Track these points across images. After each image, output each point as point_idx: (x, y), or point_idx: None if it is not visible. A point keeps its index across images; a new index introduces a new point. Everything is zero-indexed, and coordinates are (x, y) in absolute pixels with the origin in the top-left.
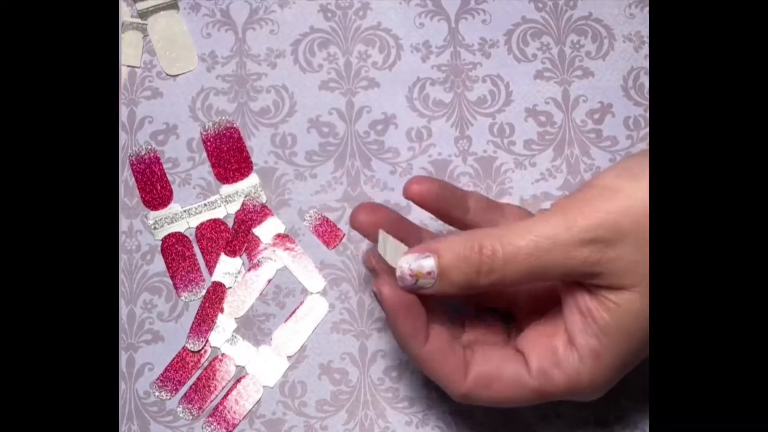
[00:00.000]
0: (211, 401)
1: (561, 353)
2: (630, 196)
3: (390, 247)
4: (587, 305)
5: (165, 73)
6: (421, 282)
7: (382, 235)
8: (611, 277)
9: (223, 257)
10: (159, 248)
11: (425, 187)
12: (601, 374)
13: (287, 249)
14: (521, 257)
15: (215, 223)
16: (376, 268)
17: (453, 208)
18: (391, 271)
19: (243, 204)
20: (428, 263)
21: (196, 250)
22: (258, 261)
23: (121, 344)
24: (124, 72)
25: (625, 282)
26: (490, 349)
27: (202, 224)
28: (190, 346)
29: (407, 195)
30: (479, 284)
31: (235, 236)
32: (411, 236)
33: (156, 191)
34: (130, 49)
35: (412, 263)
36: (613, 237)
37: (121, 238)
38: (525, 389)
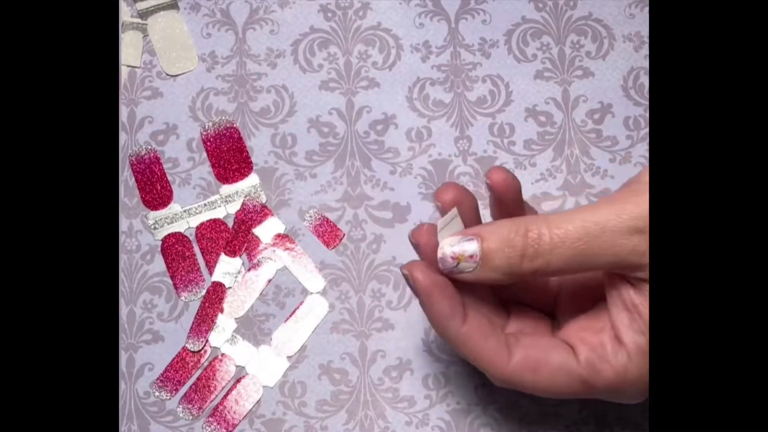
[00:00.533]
0: (211, 401)
1: (609, 349)
2: None
3: (451, 227)
4: (633, 300)
5: (165, 73)
6: (462, 265)
7: (454, 212)
8: None
9: (223, 257)
10: (159, 248)
11: (507, 177)
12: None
13: (287, 249)
14: (569, 242)
15: (215, 223)
16: (421, 245)
17: (519, 202)
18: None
19: (243, 204)
20: (471, 246)
21: (196, 250)
22: (258, 261)
23: (121, 344)
24: (124, 72)
25: None
26: (537, 337)
27: (202, 224)
28: (190, 346)
29: (492, 183)
30: (522, 270)
31: (235, 236)
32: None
33: (156, 191)
34: (130, 49)
35: (455, 246)
36: None
37: (121, 238)
38: (573, 378)
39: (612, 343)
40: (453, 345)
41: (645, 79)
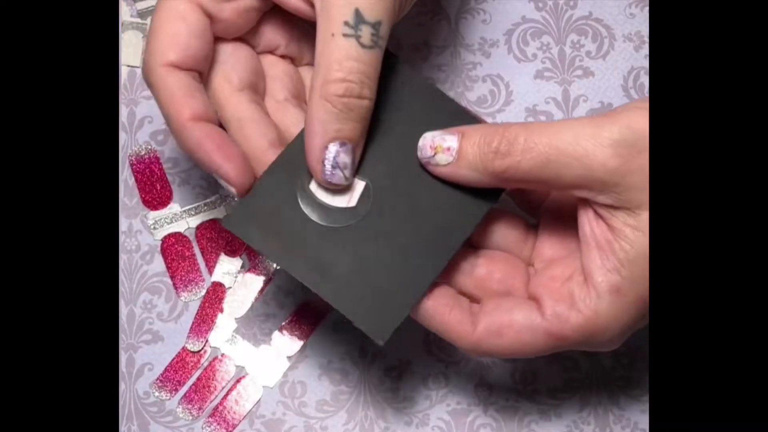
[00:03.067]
0: (211, 401)
1: (577, 295)
2: None
3: None
4: (605, 236)
5: None
6: (438, 156)
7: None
8: (628, 191)
9: (223, 257)
10: (159, 248)
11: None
12: (623, 312)
13: None
14: (542, 146)
15: (215, 223)
16: None
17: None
18: None
19: None
20: (450, 139)
21: (196, 250)
22: (258, 261)
23: (121, 344)
24: (124, 72)
25: (643, 198)
26: (501, 299)
27: (202, 224)
28: (189, 346)
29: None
30: (494, 167)
31: (235, 236)
32: None
33: (156, 191)
34: (130, 49)
35: (436, 136)
36: (638, 143)
37: (121, 238)
38: (538, 334)
39: (580, 288)
40: (420, 321)
41: (645, 79)
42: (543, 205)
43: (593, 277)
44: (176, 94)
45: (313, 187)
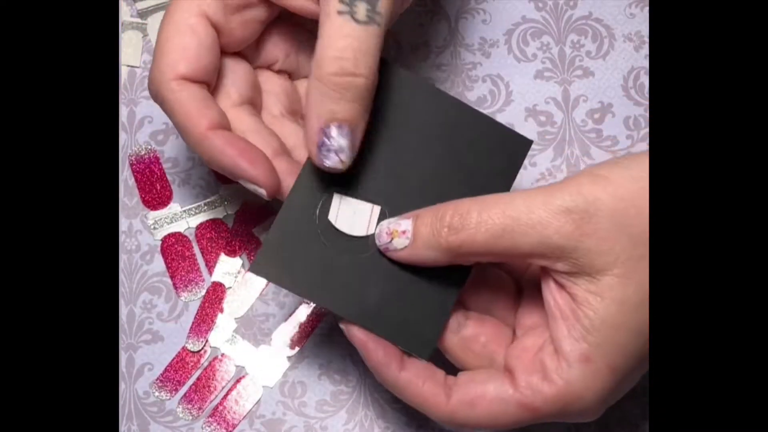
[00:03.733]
0: (211, 401)
1: (548, 364)
2: (614, 181)
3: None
4: (569, 306)
5: None
6: (395, 241)
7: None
8: (586, 255)
9: (223, 257)
10: (159, 248)
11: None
12: (594, 380)
13: None
14: (495, 217)
15: (215, 223)
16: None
17: None
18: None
19: (243, 204)
20: (405, 223)
21: (196, 250)
22: None
23: (121, 344)
24: (124, 72)
25: (601, 262)
26: (475, 373)
27: (202, 224)
28: (189, 346)
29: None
30: (449, 243)
31: (235, 236)
32: None
33: (156, 191)
34: (130, 49)
35: (391, 223)
36: (590, 209)
37: (121, 238)
38: (510, 405)
39: (551, 359)
40: (393, 391)
41: (645, 79)
42: (527, 272)
43: (562, 347)
44: (191, 107)
45: (332, 216)
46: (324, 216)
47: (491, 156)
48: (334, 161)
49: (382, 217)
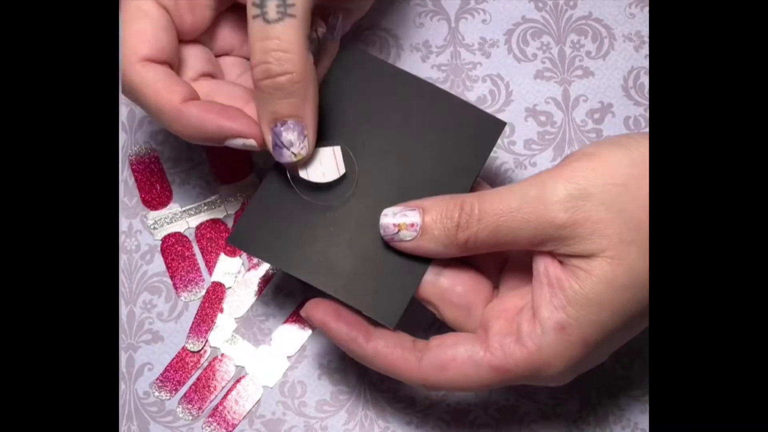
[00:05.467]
0: (211, 401)
1: (524, 329)
2: (604, 159)
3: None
4: (557, 275)
5: None
6: (402, 233)
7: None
8: (581, 241)
9: (222, 257)
10: (159, 248)
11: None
12: (566, 350)
13: None
14: (492, 214)
15: (215, 223)
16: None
17: None
18: None
19: (243, 204)
20: (412, 215)
21: (196, 250)
22: (258, 261)
23: (121, 344)
24: None
25: (594, 246)
26: (445, 336)
27: (201, 224)
28: (189, 346)
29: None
30: (457, 240)
31: None
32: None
33: (156, 191)
34: None
35: (397, 214)
36: (584, 194)
37: (121, 238)
38: (482, 368)
39: (528, 323)
40: (364, 363)
41: (645, 79)
42: None
43: (540, 313)
44: (160, 85)
45: (303, 174)
46: (298, 180)
47: (459, 130)
48: (287, 156)
49: (345, 155)
